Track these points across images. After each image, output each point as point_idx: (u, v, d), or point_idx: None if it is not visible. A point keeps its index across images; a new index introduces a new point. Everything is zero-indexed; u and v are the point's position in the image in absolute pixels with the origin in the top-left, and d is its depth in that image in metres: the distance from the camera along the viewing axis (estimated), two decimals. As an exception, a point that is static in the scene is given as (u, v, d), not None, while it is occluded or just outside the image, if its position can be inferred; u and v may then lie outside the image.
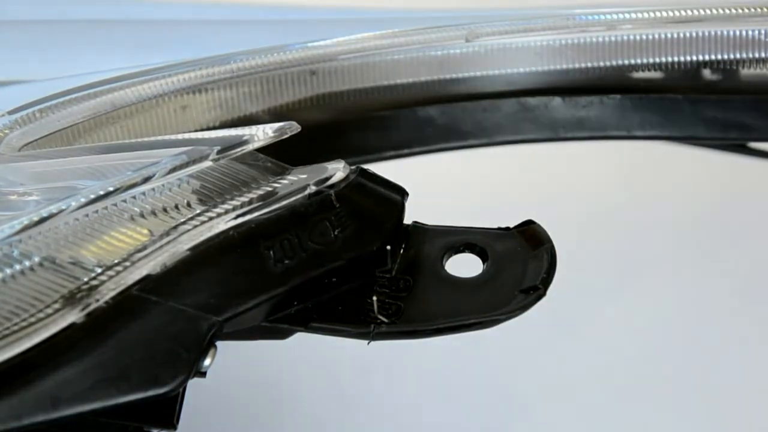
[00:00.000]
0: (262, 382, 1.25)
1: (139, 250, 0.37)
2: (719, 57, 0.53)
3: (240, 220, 0.38)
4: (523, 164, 1.21)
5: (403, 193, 0.41)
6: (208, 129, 0.54)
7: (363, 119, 0.57)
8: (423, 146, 0.60)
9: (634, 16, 0.54)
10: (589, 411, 1.08)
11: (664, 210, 1.37)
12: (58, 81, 0.51)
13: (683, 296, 1.17)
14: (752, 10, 0.52)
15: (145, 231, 0.38)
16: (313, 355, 1.17)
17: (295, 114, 0.55)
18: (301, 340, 0.42)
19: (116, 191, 0.37)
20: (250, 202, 0.39)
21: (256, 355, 1.21)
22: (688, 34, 0.53)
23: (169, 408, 0.37)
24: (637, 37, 0.54)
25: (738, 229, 1.38)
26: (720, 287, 1.30)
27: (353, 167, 0.41)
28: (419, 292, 0.40)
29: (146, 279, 0.36)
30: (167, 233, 0.38)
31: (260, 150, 0.41)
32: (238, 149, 0.40)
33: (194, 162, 0.38)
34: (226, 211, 0.39)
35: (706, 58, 0.54)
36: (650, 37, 0.54)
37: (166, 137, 0.44)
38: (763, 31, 0.51)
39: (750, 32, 0.52)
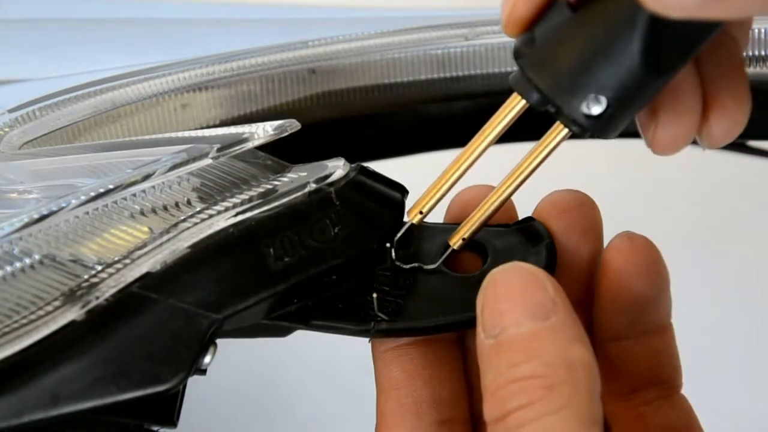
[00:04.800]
0: (262, 379, 1.25)
1: (140, 248, 0.37)
2: (719, 55, 0.53)
3: (240, 217, 0.38)
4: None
5: (403, 191, 0.41)
6: (209, 127, 0.54)
7: (363, 118, 0.57)
8: (423, 145, 0.60)
9: (633, 14, 0.54)
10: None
11: (663, 209, 1.37)
12: (58, 79, 0.51)
13: (683, 296, 1.17)
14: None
15: (145, 228, 0.38)
16: (314, 352, 1.17)
17: (295, 112, 0.55)
18: (302, 338, 0.42)
19: (116, 189, 0.37)
20: (250, 199, 0.39)
21: (257, 352, 1.21)
22: (687, 33, 0.53)
23: (170, 406, 0.37)
24: (637, 36, 0.54)
25: (738, 228, 1.38)
26: (719, 286, 1.30)
27: (353, 165, 0.41)
28: (419, 290, 0.40)
29: (146, 276, 0.36)
30: (167, 231, 0.38)
31: (260, 148, 0.41)
32: (238, 147, 0.40)
33: (194, 160, 0.38)
34: (226, 209, 0.39)
35: (706, 56, 0.53)
36: (650, 35, 0.54)
37: (166, 135, 0.44)
38: (762, 30, 0.51)
39: (749, 31, 0.52)
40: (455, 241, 0.40)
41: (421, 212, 0.40)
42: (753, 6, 0.29)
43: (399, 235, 0.40)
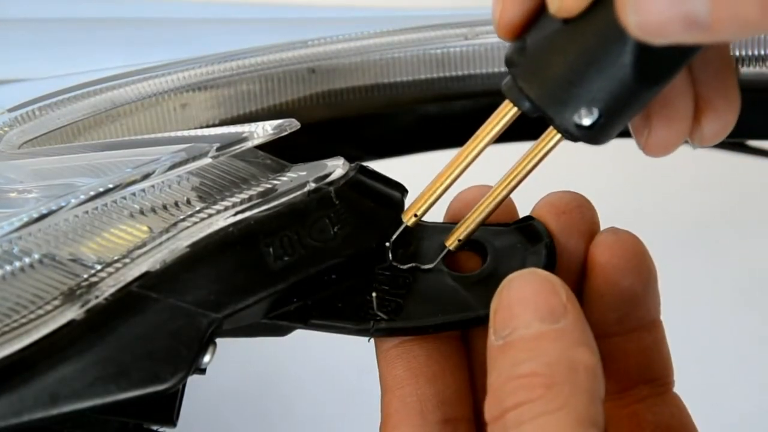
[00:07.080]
0: (261, 379, 1.25)
1: (139, 247, 0.37)
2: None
3: (239, 216, 0.38)
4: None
5: (402, 190, 0.41)
6: (208, 127, 0.54)
7: (362, 117, 0.57)
8: (422, 144, 0.60)
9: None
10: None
11: (662, 209, 1.37)
12: (58, 79, 0.51)
13: (682, 295, 1.17)
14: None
15: (145, 228, 0.38)
16: (314, 352, 1.17)
17: (294, 111, 0.55)
18: (302, 338, 0.42)
19: (115, 188, 0.37)
20: (250, 198, 0.39)
21: (257, 352, 1.21)
22: (687, 32, 0.53)
23: (169, 405, 0.37)
24: (637, 35, 0.54)
25: (738, 228, 1.38)
26: (717, 285, 1.30)
27: (353, 164, 0.41)
28: (418, 289, 0.40)
29: (146, 276, 0.36)
30: (167, 230, 0.38)
31: (260, 147, 0.41)
32: (238, 146, 0.40)
33: (194, 159, 0.38)
34: (226, 208, 0.39)
35: (706, 55, 0.53)
36: (650, 34, 0.54)
37: (166, 134, 0.44)
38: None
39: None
40: (451, 242, 0.40)
41: (415, 215, 0.40)
42: (734, 32, 0.29)
43: (394, 237, 0.40)
